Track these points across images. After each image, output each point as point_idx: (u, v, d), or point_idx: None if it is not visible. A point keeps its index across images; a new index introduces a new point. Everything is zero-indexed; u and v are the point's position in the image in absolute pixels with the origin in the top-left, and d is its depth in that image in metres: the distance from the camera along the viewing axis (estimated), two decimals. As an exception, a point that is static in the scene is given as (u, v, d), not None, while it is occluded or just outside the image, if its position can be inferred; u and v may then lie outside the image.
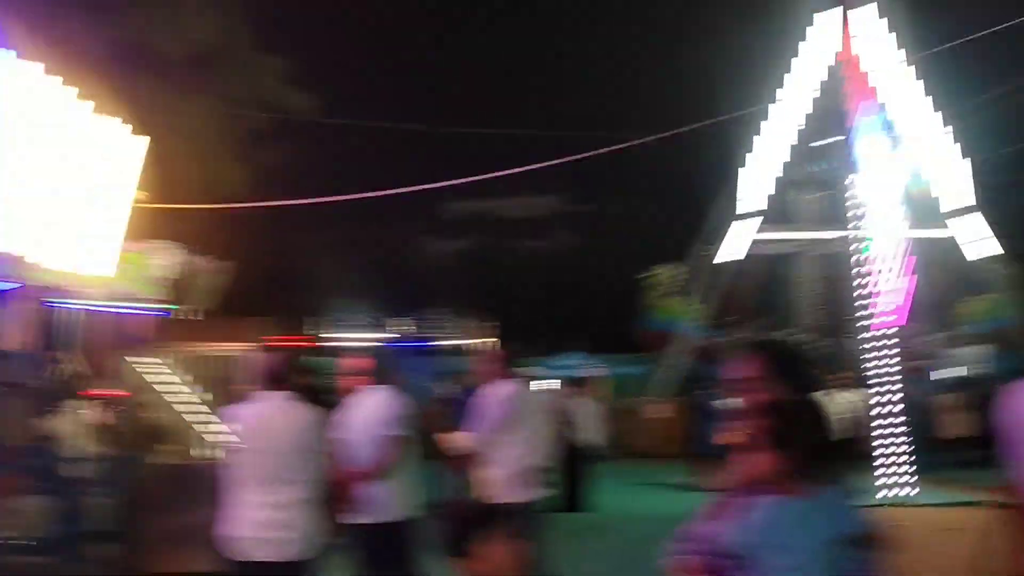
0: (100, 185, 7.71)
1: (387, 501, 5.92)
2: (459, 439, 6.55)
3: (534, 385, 6.84)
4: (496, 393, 6.74)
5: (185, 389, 9.58)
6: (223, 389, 9.47)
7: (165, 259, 11.07)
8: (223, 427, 8.99)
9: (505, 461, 6.62)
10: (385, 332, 23.01)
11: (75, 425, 8.80)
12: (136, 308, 11.51)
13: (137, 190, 8.60)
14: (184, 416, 9.48)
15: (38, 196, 6.88)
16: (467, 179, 15.48)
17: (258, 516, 4.78)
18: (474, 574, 3.01)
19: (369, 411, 6.08)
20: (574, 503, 12.20)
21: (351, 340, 22.97)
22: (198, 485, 8.76)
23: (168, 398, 9.58)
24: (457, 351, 23.37)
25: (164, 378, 9.55)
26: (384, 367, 6.28)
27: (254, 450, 4.86)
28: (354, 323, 23.10)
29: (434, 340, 23.37)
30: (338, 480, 5.73)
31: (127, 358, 9.38)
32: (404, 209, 31.56)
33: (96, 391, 10.83)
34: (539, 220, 36.98)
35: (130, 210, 8.42)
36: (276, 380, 5.01)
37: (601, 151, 15.10)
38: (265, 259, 23.68)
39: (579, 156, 14.78)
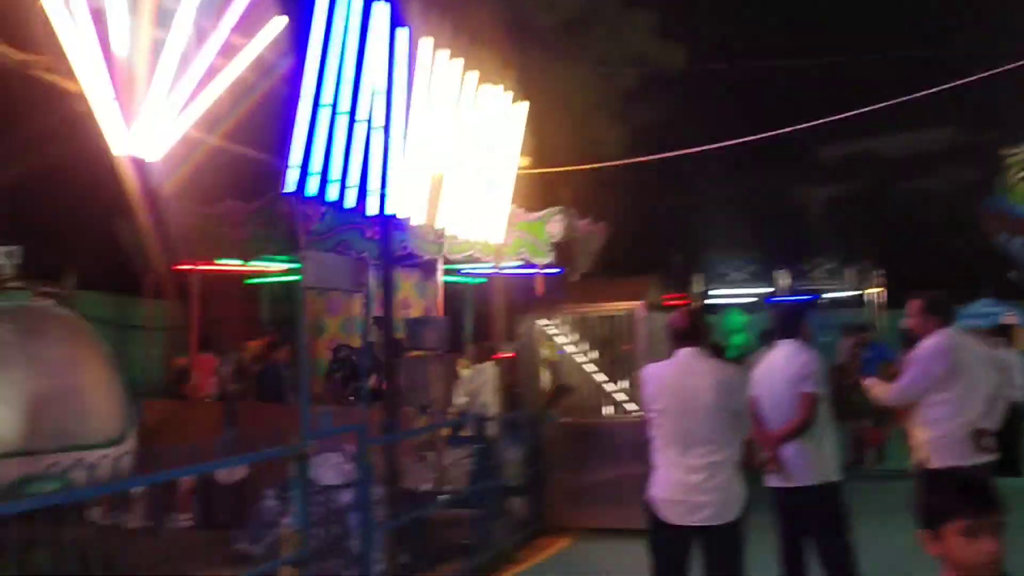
0: (490, 153, 7.88)
1: (808, 464, 5.53)
2: (883, 395, 5.84)
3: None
4: (929, 346, 5.92)
5: (581, 349, 9.56)
6: (614, 349, 9.36)
7: (556, 225, 11.31)
8: (627, 387, 9.47)
9: (940, 422, 5.82)
10: (769, 286, 22.07)
11: (485, 386, 9.16)
12: (530, 272, 11.97)
13: (520, 156, 8.73)
14: (586, 375, 9.49)
15: (444, 168, 7.17)
16: (850, 113, 14.16)
17: (680, 479, 4.52)
18: (942, 555, 2.47)
19: (779, 368, 5.64)
20: (1011, 466, 10.78)
21: (736, 296, 22.45)
22: (604, 444, 9.01)
23: (568, 358, 9.62)
24: (847, 303, 21.98)
25: (562, 338, 9.59)
26: (790, 322, 5.78)
27: (673, 411, 4.58)
28: (737, 278, 22.42)
29: (821, 292, 22.06)
30: (757, 441, 5.40)
31: (527, 320, 9.47)
32: (782, 155, 30.24)
33: (501, 353, 11.37)
34: (928, 156, 33.75)
35: (515, 176, 8.56)
36: (688, 337, 4.67)
37: (999, 70, 13.16)
38: (643, 217, 23.80)
39: (970, 78, 13.12)
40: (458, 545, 7.81)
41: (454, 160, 7.15)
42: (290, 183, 5.17)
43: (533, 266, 11.76)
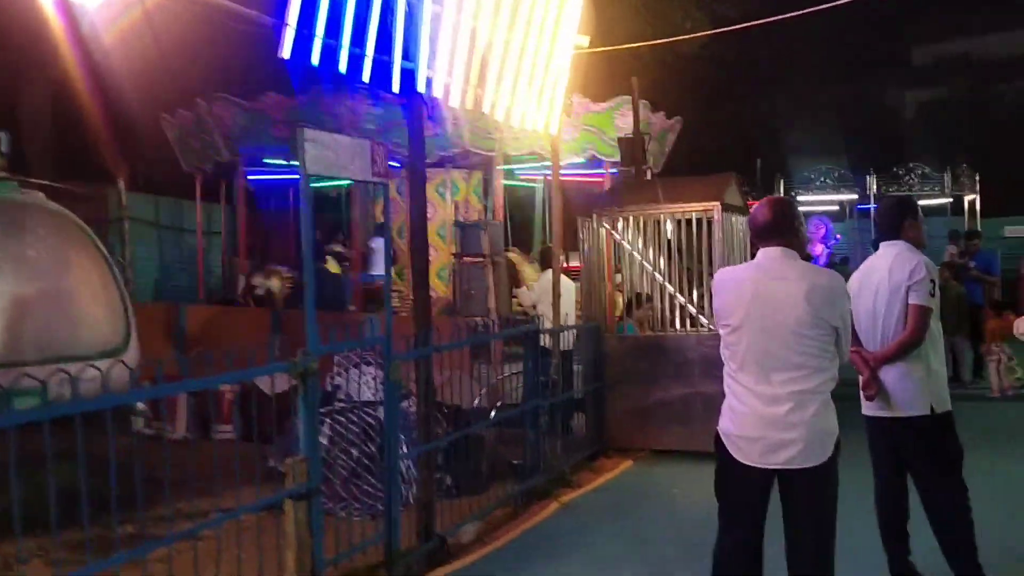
0: (542, 31, 6.75)
1: (914, 390, 4.56)
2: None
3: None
4: None
5: (651, 255, 8.59)
6: (687, 255, 8.41)
7: (625, 117, 10.21)
8: (698, 297, 8.57)
9: None
10: (859, 192, 20.49)
11: (543, 296, 8.27)
12: (596, 172, 10.93)
13: (580, 35, 7.60)
14: (655, 284, 8.57)
15: (495, 51, 6.11)
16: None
17: (760, 410, 3.56)
18: None
19: (881, 274, 4.65)
20: None
21: (822, 202, 20.99)
22: (671, 359, 8.11)
23: (637, 266, 8.71)
24: (942, 210, 20.43)
25: (630, 243, 8.60)
26: (894, 218, 4.75)
27: (753, 325, 3.59)
28: (824, 183, 20.85)
29: (915, 198, 20.48)
30: (852, 361, 4.41)
31: (591, 224, 8.51)
32: (873, 56, 28.23)
33: (567, 263, 10.48)
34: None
35: (574, 58, 7.42)
36: (773, 233, 3.65)
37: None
38: (724, 118, 22.33)
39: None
40: (511, 467, 7.05)
41: (501, 34, 6.05)
42: (286, 47, 4.18)
43: (600, 164, 10.73)
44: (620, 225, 8.58)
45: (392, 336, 4.96)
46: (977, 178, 20.60)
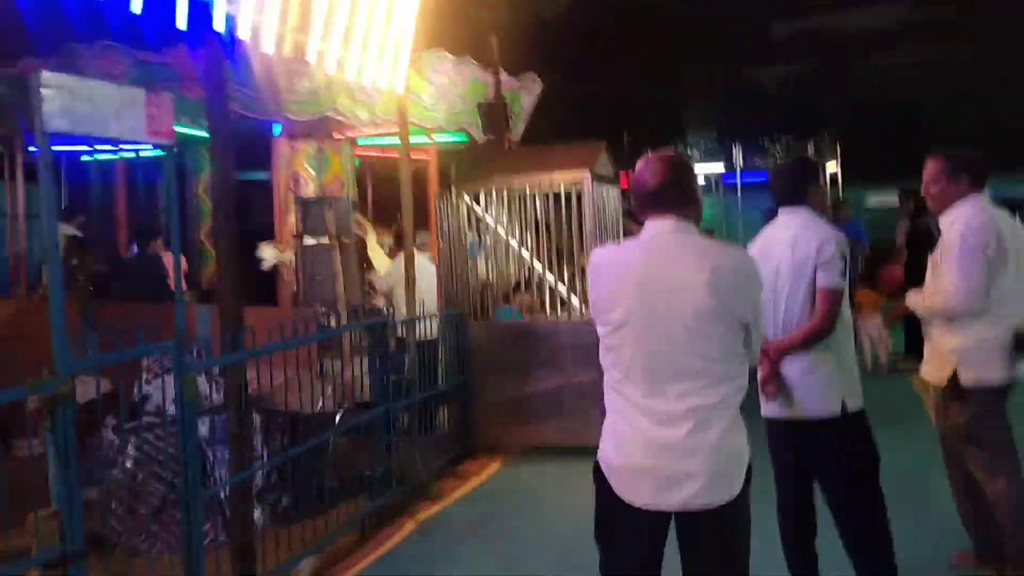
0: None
1: (822, 386, 3.83)
2: (941, 303, 4.14)
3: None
4: (971, 219, 4.17)
5: (514, 232, 7.78)
6: (556, 232, 7.59)
7: (484, 79, 9.24)
8: (570, 279, 7.70)
9: (975, 325, 4.11)
10: (725, 163, 20.23)
11: (401, 280, 7.29)
12: (445, 140, 9.95)
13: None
14: (522, 265, 7.81)
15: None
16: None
17: (650, 434, 2.69)
18: None
19: (781, 250, 3.88)
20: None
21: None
22: (543, 347, 7.28)
23: (502, 244, 7.91)
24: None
25: (491, 220, 7.72)
26: (795, 182, 3.99)
27: (639, 323, 2.72)
28: (692, 155, 20.49)
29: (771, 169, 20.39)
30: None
31: (450, 199, 7.62)
32: (736, 30, 28.21)
33: (424, 240, 9.53)
34: (882, 34, 31.91)
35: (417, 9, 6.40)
36: (664, 200, 2.77)
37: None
38: (587, 88, 21.68)
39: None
40: (362, 480, 6.05)
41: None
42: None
43: (457, 131, 9.74)
44: (483, 200, 7.68)
45: (201, 339, 3.90)
46: (838, 148, 20.65)
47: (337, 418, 6.04)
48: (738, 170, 19.27)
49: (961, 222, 4.16)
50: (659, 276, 2.68)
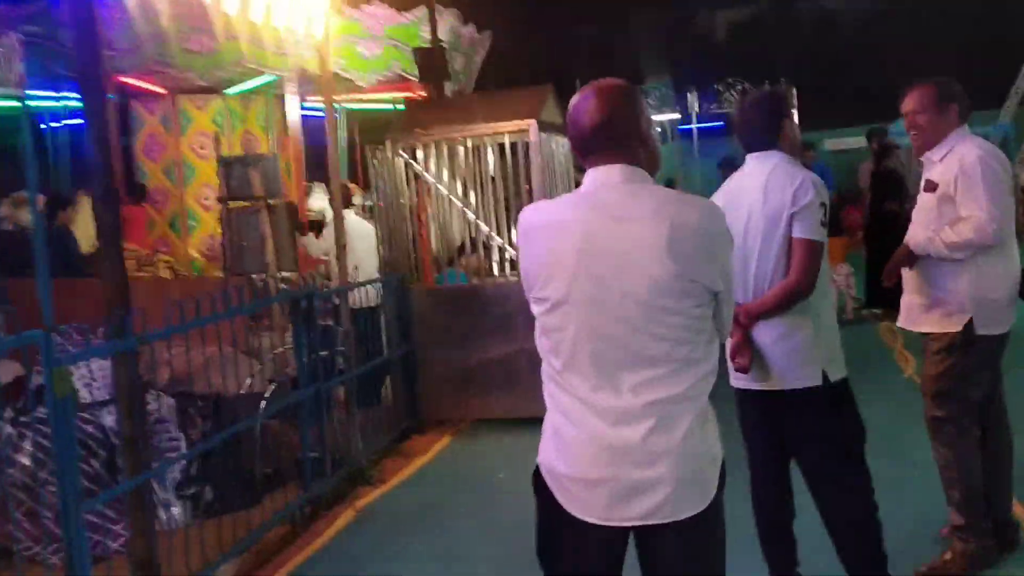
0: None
1: (800, 355, 3.36)
2: (966, 237, 3.72)
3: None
4: (974, 152, 3.72)
5: (457, 190, 7.31)
6: (502, 187, 7.15)
7: (426, 29, 8.66)
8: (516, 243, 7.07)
9: (990, 275, 3.71)
10: (680, 111, 19.69)
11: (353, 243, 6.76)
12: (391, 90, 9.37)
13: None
14: (467, 224, 7.35)
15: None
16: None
17: (600, 434, 2.16)
18: None
19: (752, 198, 3.40)
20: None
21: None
22: (490, 312, 6.80)
23: (444, 201, 7.41)
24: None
25: (431, 177, 7.18)
26: (765, 119, 3.47)
27: (582, 299, 2.17)
28: (647, 103, 19.96)
29: (728, 116, 19.85)
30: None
31: (386, 153, 7.06)
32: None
33: (358, 200, 8.98)
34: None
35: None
36: (607, 142, 2.21)
37: None
38: (537, 37, 21.03)
39: None
40: (295, 466, 5.50)
41: None
42: None
43: (399, 82, 9.15)
44: (420, 154, 7.11)
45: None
46: (795, 92, 20.21)
47: (264, 399, 5.48)
48: (694, 118, 18.73)
49: (971, 151, 3.69)
50: (605, 238, 2.14)
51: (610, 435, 2.14)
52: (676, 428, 2.13)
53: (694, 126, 18.48)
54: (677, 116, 20.01)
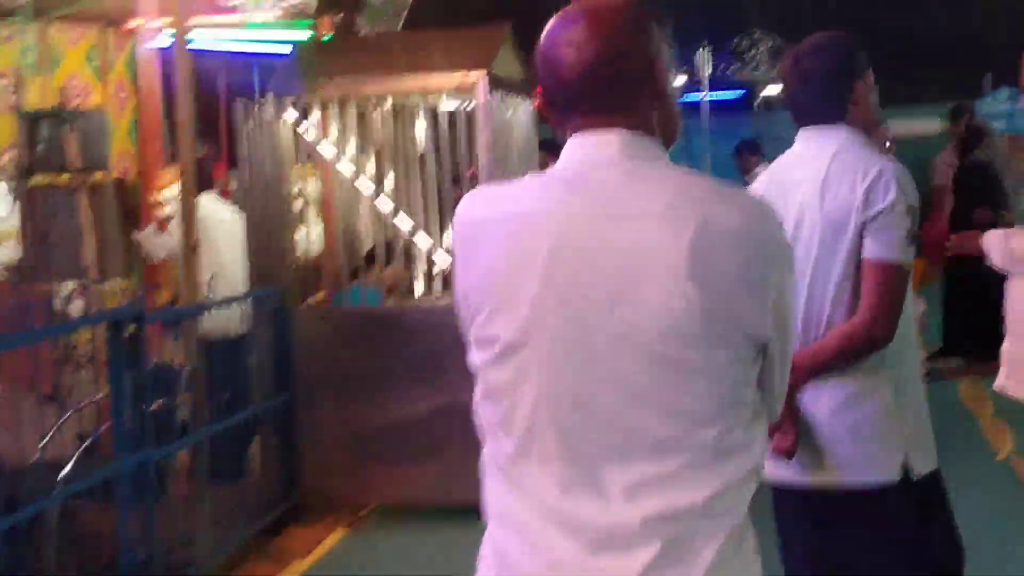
0: None
1: (870, 435, 3.21)
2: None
3: None
4: None
5: (366, 167, 7.19)
6: (432, 167, 7.17)
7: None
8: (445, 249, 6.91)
9: None
10: (687, 74, 19.80)
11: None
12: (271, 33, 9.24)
13: None
14: (381, 220, 7.28)
15: None
16: None
17: (573, 567, 1.90)
18: None
19: (809, 193, 3.24)
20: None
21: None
22: (408, 347, 6.75)
23: (347, 185, 7.41)
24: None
25: (331, 148, 7.15)
26: (827, 83, 3.33)
27: (551, 341, 1.92)
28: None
29: (760, 82, 20.09)
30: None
31: (262, 113, 6.99)
32: None
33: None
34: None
35: None
36: (596, 93, 1.96)
37: None
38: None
39: None
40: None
41: None
42: None
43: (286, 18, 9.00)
44: (312, 115, 7.05)
45: None
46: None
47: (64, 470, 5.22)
48: (705, 83, 18.79)
49: None
50: (592, 246, 1.86)
51: (588, 567, 1.86)
52: (694, 561, 1.86)
53: (704, 96, 18.47)
54: (681, 80, 20.11)
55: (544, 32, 2.01)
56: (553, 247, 1.88)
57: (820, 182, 3.16)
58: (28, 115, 7.21)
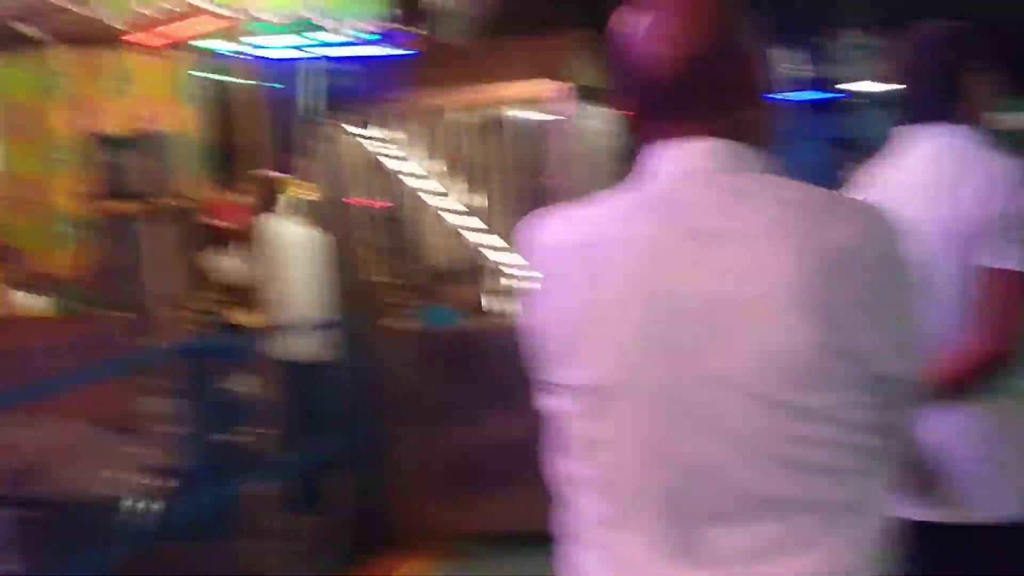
0: None
1: (993, 464, 3.05)
2: None
3: None
4: None
5: (448, 184, 7.25)
6: (513, 181, 7.17)
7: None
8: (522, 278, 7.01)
9: None
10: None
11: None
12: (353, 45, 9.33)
13: None
14: (456, 236, 7.30)
15: None
16: None
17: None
18: None
19: (925, 200, 3.01)
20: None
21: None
22: (503, 370, 6.64)
23: (423, 202, 7.38)
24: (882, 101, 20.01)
25: (408, 164, 7.23)
26: (939, 76, 3.16)
27: (646, 390, 1.74)
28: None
29: (850, 80, 19.78)
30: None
31: (335, 131, 7.13)
32: None
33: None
34: None
35: None
36: (687, 98, 1.78)
37: None
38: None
39: None
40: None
41: None
42: None
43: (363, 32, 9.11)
44: (391, 132, 7.20)
45: None
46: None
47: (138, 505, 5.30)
48: (795, 82, 18.54)
49: None
50: (684, 276, 1.67)
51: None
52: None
53: (792, 95, 18.20)
54: (773, 78, 20.04)
55: (623, 26, 1.81)
56: (640, 279, 1.71)
57: (934, 187, 2.99)
58: (107, 139, 7.32)
